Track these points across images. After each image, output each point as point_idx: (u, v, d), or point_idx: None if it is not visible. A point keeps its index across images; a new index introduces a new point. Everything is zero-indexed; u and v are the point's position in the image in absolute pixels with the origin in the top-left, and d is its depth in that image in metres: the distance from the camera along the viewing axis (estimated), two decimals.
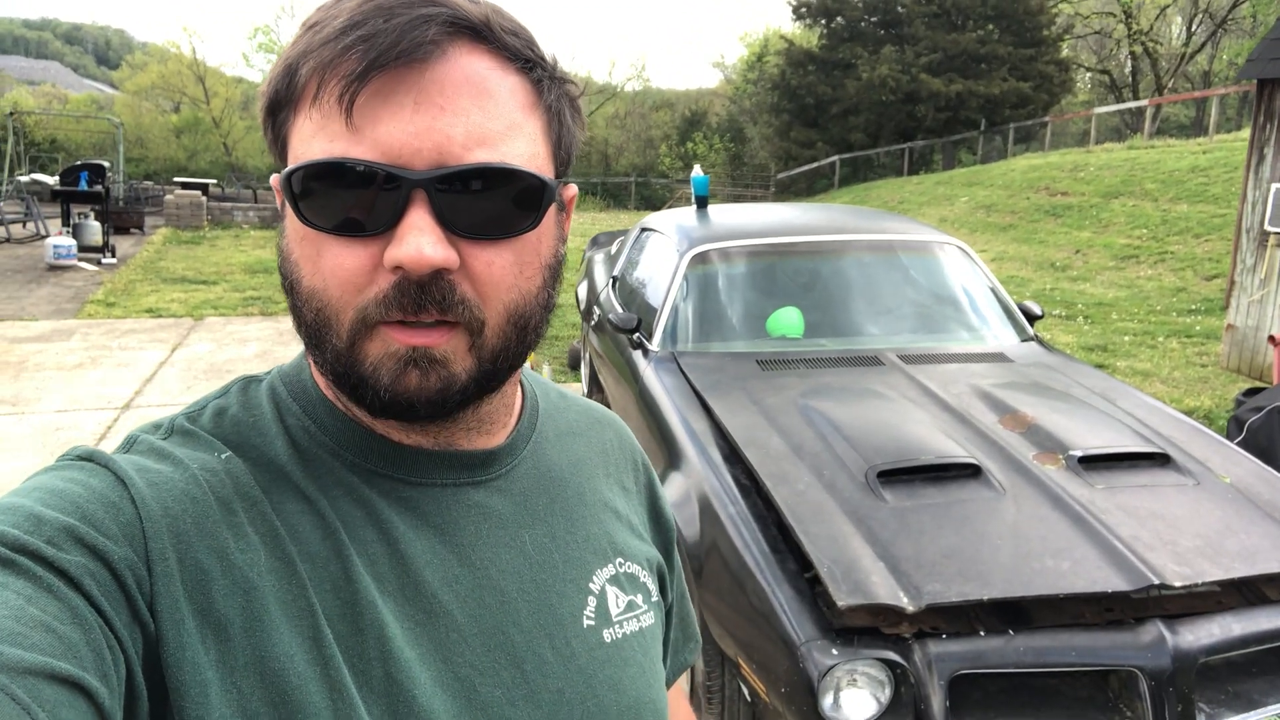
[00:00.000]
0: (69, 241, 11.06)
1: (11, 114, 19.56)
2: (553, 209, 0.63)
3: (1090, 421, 2.81)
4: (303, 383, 0.66)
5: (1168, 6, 32.19)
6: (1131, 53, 32.60)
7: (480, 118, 0.57)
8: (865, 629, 2.07)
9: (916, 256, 3.93)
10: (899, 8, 28.35)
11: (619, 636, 0.71)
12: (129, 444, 0.61)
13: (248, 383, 0.68)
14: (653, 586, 0.77)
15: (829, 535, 2.23)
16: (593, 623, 0.69)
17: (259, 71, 47.40)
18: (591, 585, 0.70)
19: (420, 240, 0.55)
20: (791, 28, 32.48)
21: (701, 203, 4.36)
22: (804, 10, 29.99)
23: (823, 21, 30.03)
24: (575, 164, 0.69)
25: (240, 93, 46.95)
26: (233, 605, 0.54)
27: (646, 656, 0.73)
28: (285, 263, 0.60)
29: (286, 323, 8.46)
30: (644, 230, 4.73)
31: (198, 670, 0.52)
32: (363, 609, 0.58)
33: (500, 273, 0.59)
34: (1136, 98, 30.04)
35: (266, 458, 0.62)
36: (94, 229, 11.49)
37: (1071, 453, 2.56)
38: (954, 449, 2.56)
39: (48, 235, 12.00)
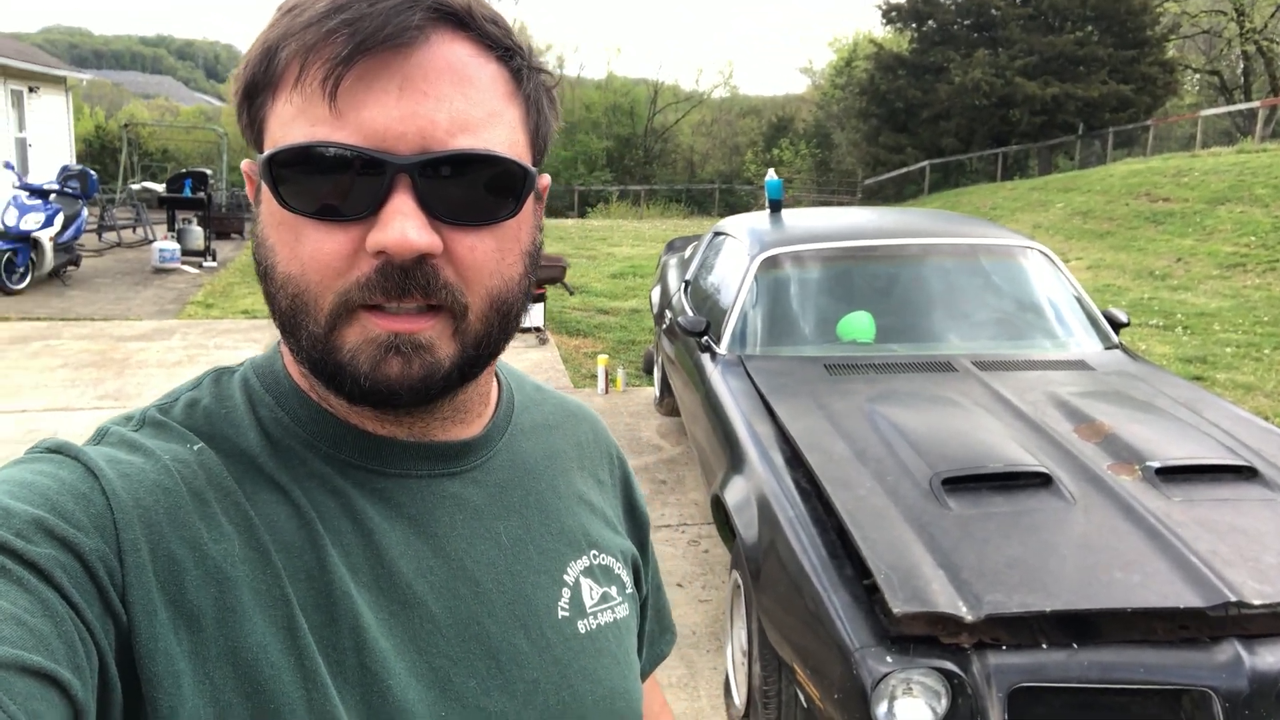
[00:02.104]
0: (173, 246, 11.60)
1: (126, 125, 20.67)
2: (531, 197, 0.63)
3: (1172, 432, 2.70)
4: (275, 374, 0.66)
5: None
6: (1244, 52, 31.06)
7: (463, 104, 0.57)
8: (923, 638, 2.02)
9: (995, 260, 3.83)
10: (993, 10, 27.62)
11: (593, 627, 0.71)
12: (99, 436, 0.61)
13: (220, 374, 0.67)
14: (627, 579, 0.77)
15: (888, 541, 2.19)
16: (567, 614, 0.69)
17: None
18: (566, 577, 0.71)
19: (405, 225, 0.55)
20: (881, 32, 31.98)
21: (775, 206, 4.34)
22: (894, 14, 29.48)
23: (913, 25, 29.46)
24: (647, 168, 0.68)
25: None
26: (206, 596, 0.54)
27: (620, 647, 0.73)
28: (260, 248, 0.60)
29: None
30: (717, 234, 4.73)
31: (170, 661, 0.51)
32: (337, 600, 0.58)
33: (483, 258, 0.59)
34: (1249, 99, 28.62)
35: (239, 449, 0.61)
36: (196, 234, 12.02)
37: (1149, 464, 2.46)
38: (1024, 457, 2.49)
39: (154, 240, 12.61)
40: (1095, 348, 3.59)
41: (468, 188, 0.58)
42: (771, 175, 4.34)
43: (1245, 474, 2.47)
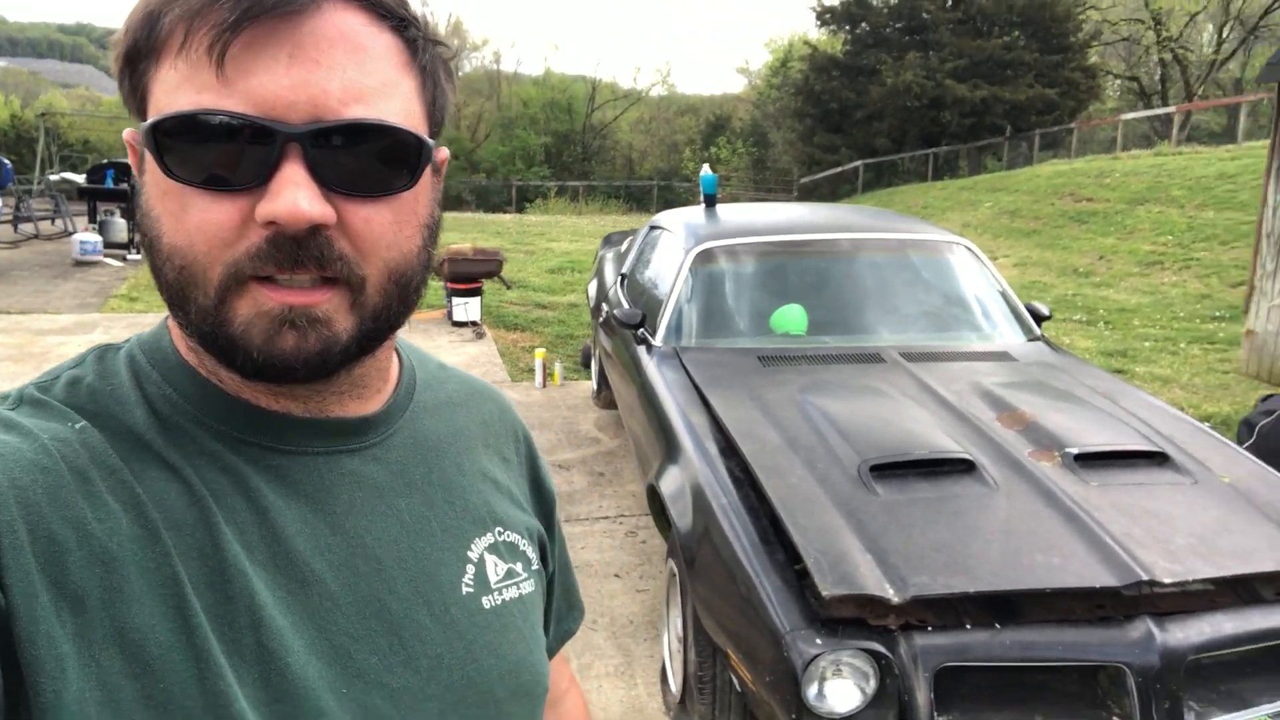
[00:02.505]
0: (95, 238, 11.23)
1: (43, 115, 19.94)
2: (428, 170, 0.62)
3: (1090, 420, 2.79)
4: (162, 349, 0.64)
5: (1198, 13, 31.81)
6: (1161, 60, 32.25)
7: (356, 74, 0.56)
8: (851, 620, 2.07)
9: (923, 256, 3.92)
10: (924, 14, 28.20)
11: (498, 603, 0.71)
12: None
13: (104, 351, 0.65)
14: (533, 555, 0.77)
15: (818, 527, 2.23)
16: (471, 590, 0.69)
17: None
18: (470, 553, 0.70)
19: (296, 195, 0.53)
20: (816, 34, 32.41)
21: (710, 201, 4.37)
22: (828, 16, 29.91)
23: (847, 27, 29.94)
24: (586, 165, 0.67)
25: None
26: (90, 576, 0.52)
27: (526, 622, 0.73)
28: (145, 220, 0.58)
29: None
30: (653, 228, 4.75)
31: (53, 644, 0.50)
32: (231, 577, 0.57)
33: (380, 230, 0.58)
34: (1166, 104, 29.71)
35: (125, 427, 0.59)
36: (119, 226, 11.65)
37: (1068, 450, 2.55)
38: (949, 444, 2.55)
39: (74, 232, 12.19)
40: (1018, 340, 3.69)
41: (361, 158, 0.56)
42: (706, 170, 4.37)
43: (1158, 459, 2.57)
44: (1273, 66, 6.18)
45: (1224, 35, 32.51)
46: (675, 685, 2.84)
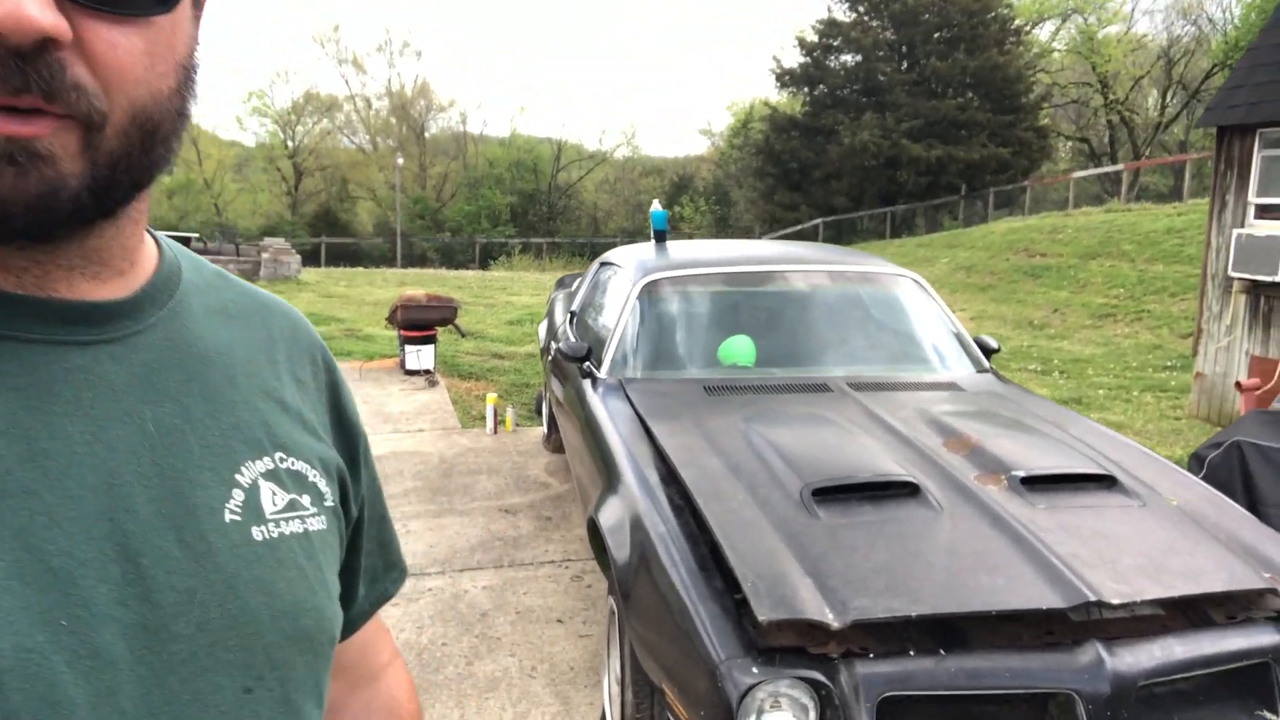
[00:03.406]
0: None
1: None
2: (188, 2, 0.54)
3: (1036, 445, 2.74)
4: None
5: (1142, 78, 33.02)
6: (1109, 121, 33.34)
7: None
8: (791, 648, 1.96)
9: (870, 288, 3.89)
10: (880, 76, 28.98)
11: (273, 536, 0.61)
12: None
13: None
14: (326, 490, 0.68)
15: (758, 551, 2.13)
16: (238, 518, 0.59)
17: (252, 134, 48.01)
18: (239, 477, 0.61)
19: None
20: (776, 96, 33.13)
21: (660, 237, 4.33)
22: (787, 78, 30.64)
23: (805, 89, 30.68)
24: (552, 224, 0.57)
25: (233, 155, 47.51)
26: None
27: (312, 562, 0.64)
28: None
29: None
30: (602, 265, 4.69)
31: None
32: None
33: (127, 60, 0.49)
34: (1115, 164, 30.63)
35: None
36: None
37: (1015, 473, 2.48)
38: (893, 468, 2.48)
39: None
40: (967, 371, 3.65)
41: None
42: (656, 206, 4.34)
43: (1105, 482, 2.51)
44: (1210, 112, 6.34)
45: (1167, 99, 33.71)
46: None
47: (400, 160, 39.58)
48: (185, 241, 9.94)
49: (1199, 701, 2.05)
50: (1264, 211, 5.97)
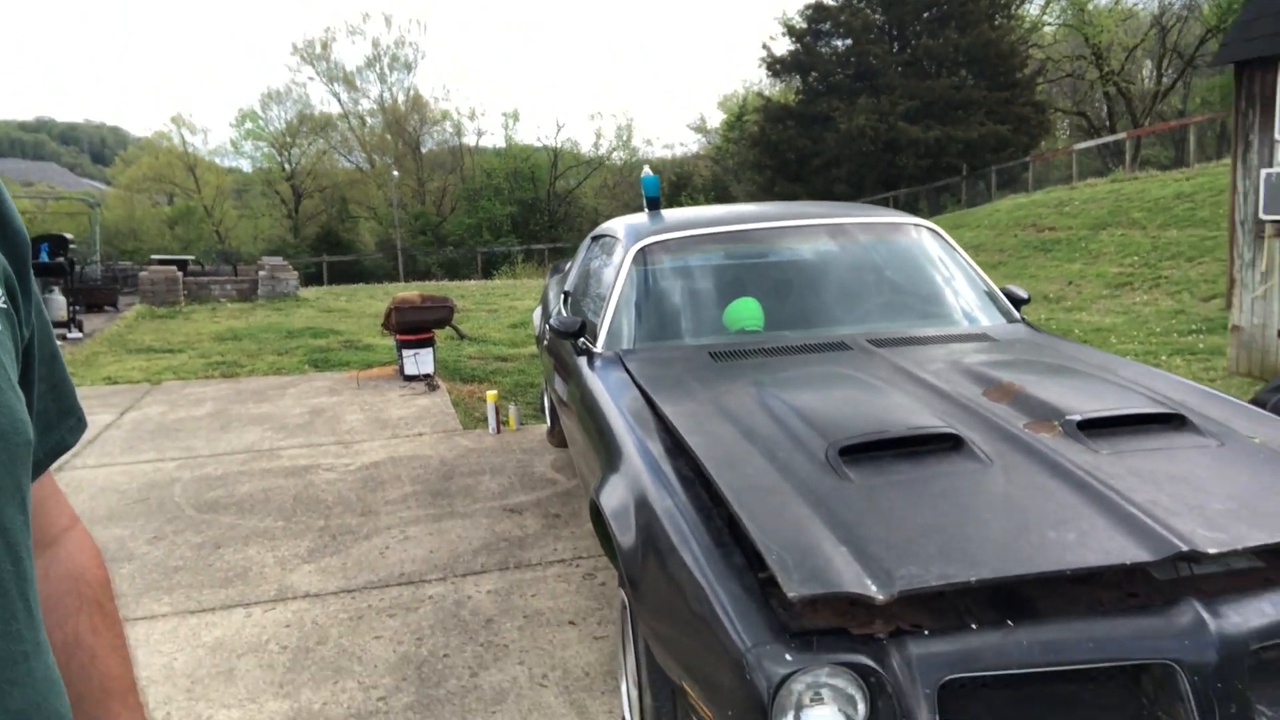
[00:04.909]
0: None
1: None
2: None
3: (1090, 389, 2.42)
4: None
5: (1136, 47, 32.56)
6: (1105, 94, 32.89)
7: None
8: (830, 630, 1.65)
9: (884, 240, 3.58)
10: (871, 59, 28.64)
11: None
12: None
13: None
14: None
15: (782, 521, 1.82)
16: None
17: (248, 159, 47.89)
18: None
19: None
20: (768, 88, 32.82)
21: (653, 204, 4.02)
22: (779, 66, 30.36)
23: (797, 77, 30.37)
24: (553, 232, 0.33)
25: (232, 181, 47.38)
26: None
27: None
28: None
29: (247, 383, 8.13)
30: (594, 238, 4.39)
31: None
32: None
33: None
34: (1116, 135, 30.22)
35: None
36: (58, 303, 11.13)
37: (1070, 418, 2.16)
38: (931, 420, 2.17)
39: None
40: (998, 321, 3.34)
41: None
42: (647, 171, 4.04)
43: (1174, 422, 2.19)
44: (1226, 48, 6.01)
45: (1163, 68, 33.25)
46: None
47: (396, 174, 39.37)
48: (183, 265, 9.76)
49: None
50: None
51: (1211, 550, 1.63)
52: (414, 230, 40.71)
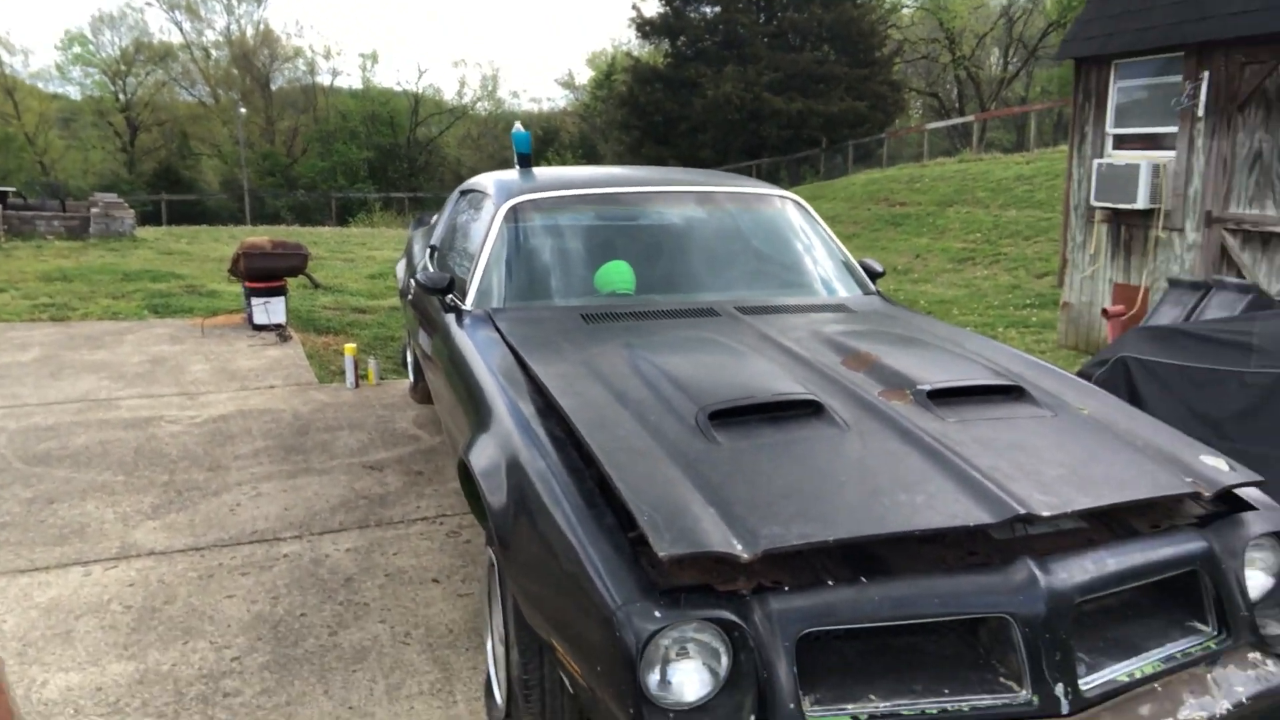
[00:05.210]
0: None
1: None
2: None
3: (939, 360, 2.58)
4: None
5: (985, 35, 34.26)
6: (956, 77, 34.53)
7: None
8: (696, 587, 1.71)
9: (752, 210, 3.67)
10: (739, 28, 28.98)
11: None
12: None
13: None
14: None
15: (653, 482, 1.86)
16: None
17: (77, 85, 44.15)
18: None
19: None
20: (637, 49, 32.76)
21: (524, 161, 3.97)
22: (648, 28, 30.30)
23: (666, 40, 30.42)
24: (413, 180, 0.27)
25: (58, 108, 43.50)
26: None
27: None
28: None
29: (78, 327, 7.57)
30: (462, 193, 4.30)
31: None
32: None
33: None
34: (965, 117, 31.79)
35: None
36: None
37: (920, 387, 2.30)
38: (793, 387, 2.26)
39: None
40: (855, 293, 3.49)
41: None
42: (518, 127, 3.98)
43: (1014, 394, 2.36)
44: (1067, 44, 6.41)
45: (1009, 56, 35.15)
46: (500, 696, 2.41)
47: (243, 111, 37.15)
48: (2, 197, 8.89)
49: (1129, 619, 1.93)
50: (1121, 141, 6.10)
51: (1045, 513, 1.78)
52: (262, 171, 38.65)
